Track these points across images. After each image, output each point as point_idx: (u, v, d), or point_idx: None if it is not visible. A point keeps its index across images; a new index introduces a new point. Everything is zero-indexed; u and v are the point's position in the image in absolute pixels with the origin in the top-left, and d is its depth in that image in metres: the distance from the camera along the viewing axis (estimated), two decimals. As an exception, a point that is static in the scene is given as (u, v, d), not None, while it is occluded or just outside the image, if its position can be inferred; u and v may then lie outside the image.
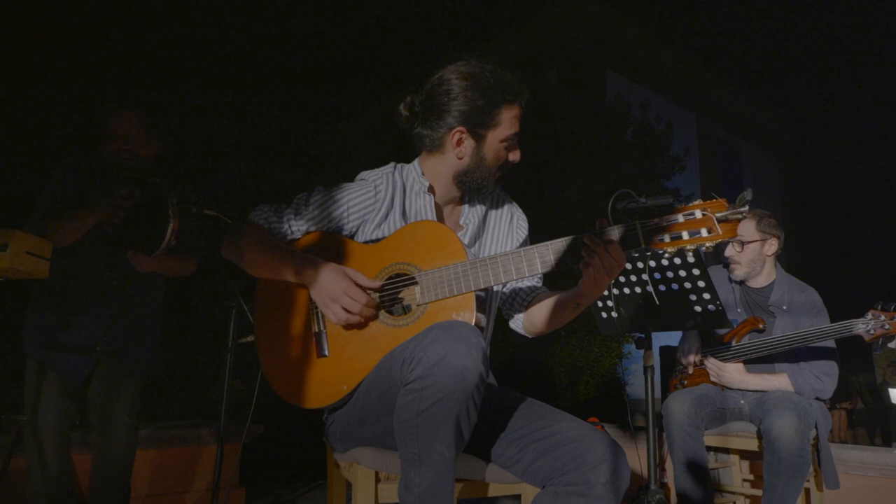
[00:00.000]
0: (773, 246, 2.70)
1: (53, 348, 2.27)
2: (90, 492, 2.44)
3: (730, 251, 2.73)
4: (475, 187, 1.62)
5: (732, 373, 2.64)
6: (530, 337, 1.73)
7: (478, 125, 1.55)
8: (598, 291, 1.42)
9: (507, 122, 1.57)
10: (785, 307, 2.66)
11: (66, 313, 2.29)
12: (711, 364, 2.68)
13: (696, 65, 12.95)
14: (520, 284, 1.70)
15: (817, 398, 2.57)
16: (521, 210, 1.80)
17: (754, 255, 2.70)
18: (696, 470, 2.48)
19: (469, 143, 1.58)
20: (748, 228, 2.69)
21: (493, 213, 1.74)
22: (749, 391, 2.67)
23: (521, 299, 1.69)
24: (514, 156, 1.62)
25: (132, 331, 2.40)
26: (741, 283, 2.79)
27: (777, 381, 2.59)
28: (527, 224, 1.78)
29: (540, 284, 1.73)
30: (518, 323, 1.71)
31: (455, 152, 1.60)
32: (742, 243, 2.69)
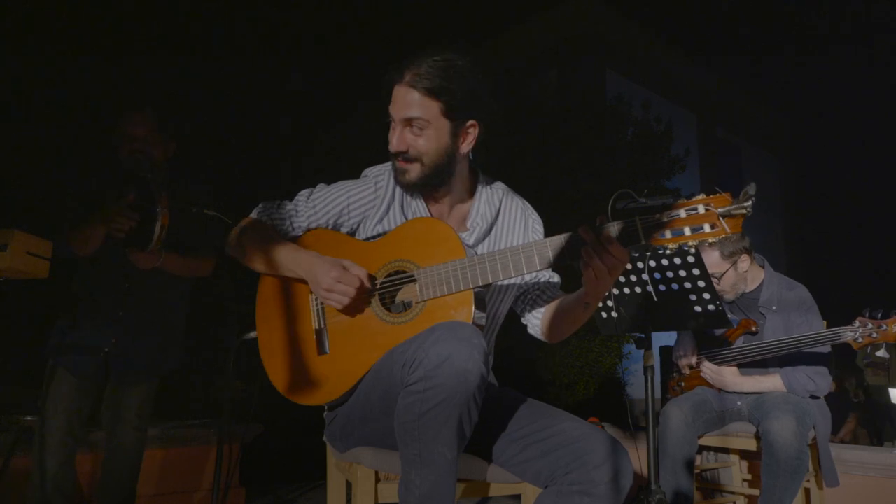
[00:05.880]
0: (745, 262, 2.66)
1: (67, 350, 2.27)
2: (96, 492, 2.43)
3: None
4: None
5: (728, 376, 2.64)
6: (548, 342, 1.68)
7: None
8: (601, 289, 1.37)
9: (392, 101, 1.51)
10: (774, 307, 2.66)
11: (78, 315, 2.29)
12: (706, 368, 2.68)
13: (696, 65, 12.94)
14: (537, 279, 1.65)
15: (813, 397, 2.58)
16: (535, 213, 1.73)
17: (732, 279, 2.67)
18: (684, 477, 2.50)
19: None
20: (713, 260, 2.62)
21: (504, 215, 1.67)
22: (746, 393, 2.67)
23: (537, 296, 1.65)
24: (392, 143, 1.50)
25: (145, 333, 2.38)
26: None
27: (770, 382, 2.60)
28: (542, 227, 1.72)
29: (556, 281, 1.67)
30: (535, 325, 1.67)
31: None
32: (716, 278, 2.63)
